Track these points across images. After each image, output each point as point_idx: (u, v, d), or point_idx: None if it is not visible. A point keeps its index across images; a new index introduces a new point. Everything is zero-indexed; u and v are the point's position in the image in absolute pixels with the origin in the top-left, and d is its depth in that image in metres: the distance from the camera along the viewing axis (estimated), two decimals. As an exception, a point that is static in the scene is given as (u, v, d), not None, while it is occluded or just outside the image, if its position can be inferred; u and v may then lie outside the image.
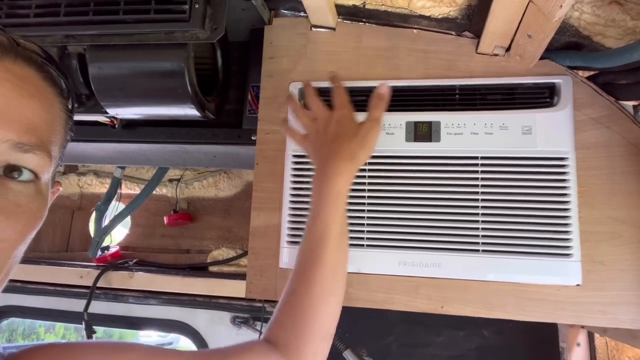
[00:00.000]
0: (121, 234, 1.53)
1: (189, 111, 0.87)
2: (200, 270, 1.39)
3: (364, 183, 0.82)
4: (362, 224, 0.81)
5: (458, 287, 0.79)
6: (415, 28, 0.87)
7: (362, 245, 0.81)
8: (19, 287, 1.44)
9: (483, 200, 0.77)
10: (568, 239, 0.75)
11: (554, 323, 1.11)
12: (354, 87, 0.87)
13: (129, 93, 0.85)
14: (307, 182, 0.84)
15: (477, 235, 0.77)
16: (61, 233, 1.57)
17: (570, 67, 0.81)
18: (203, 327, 1.38)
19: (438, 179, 0.79)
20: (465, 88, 0.83)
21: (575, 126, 0.78)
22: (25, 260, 1.45)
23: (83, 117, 0.96)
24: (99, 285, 1.35)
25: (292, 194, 0.85)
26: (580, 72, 0.83)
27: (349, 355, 1.12)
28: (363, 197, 0.81)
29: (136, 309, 1.40)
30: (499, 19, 0.73)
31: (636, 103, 0.82)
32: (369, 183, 0.82)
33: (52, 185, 0.49)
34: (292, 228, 0.84)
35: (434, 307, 0.79)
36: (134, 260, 1.42)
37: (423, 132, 0.81)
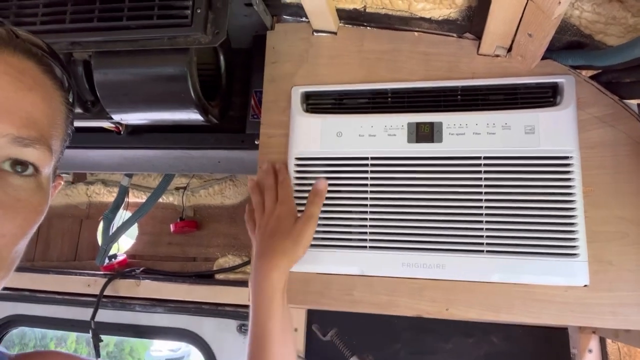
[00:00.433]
0: (128, 243, 1.54)
1: (192, 116, 0.88)
2: (206, 277, 1.39)
3: (366, 185, 0.81)
4: (365, 226, 0.81)
5: (463, 289, 0.77)
6: (416, 31, 0.87)
7: (365, 247, 0.80)
8: (28, 296, 1.45)
9: (487, 200, 0.77)
10: (574, 239, 0.73)
11: (564, 328, 1.09)
12: (355, 91, 0.87)
13: (134, 98, 0.87)
14: (309, 184, 0.84)
15: (482, 236, 0.76)
16: (69, 242, 1.59)
17: (573, 67, 0.80)
18: (209, 335, 1.38)
19: (441, 179, 0.79)
20: (467, 89, 0.83)
21: (579, 125, 0.77)
22: (34, 269, 1.47)
23: (89, 124, 0.97)
24: (106, 293, 1.35)
25: (295, 196, 0.85)
26: (584, 71, 0.82)
27: (355, 361, 1.11)
28: (366, 198, 0.81)
29: (143, 317, 1.40)
30: (499, 19, 0.73)
31: (641, 101, 0.81)
32: (372, 185, 0.81)
33: (54, 180, 0.48)
34: (295, 231, 0.84)
35: (439, 310, 0.78)
36: (141, 269, 1.43)
37: (425, 133, 0.80)
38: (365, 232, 0.80)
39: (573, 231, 0.74)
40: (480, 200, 0.77)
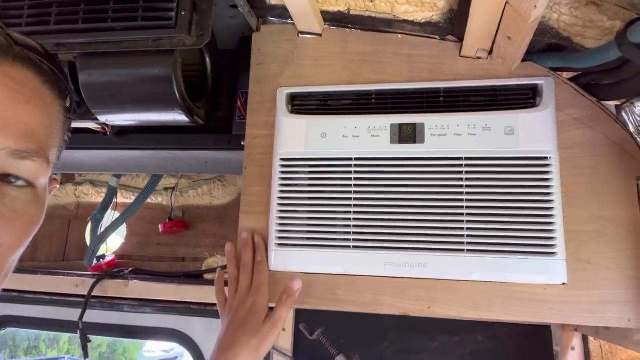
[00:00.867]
0: (117, 243, 1.54)
1: (177, 117, 0.89)
2: (195, 278, 1.39)
3: (350, 185, 0.82)
4: (349, 226, 0.82)
5: (445, 288, 0.79)
6: (400, 33, 0.88)
7: (349, 247, 0.81)
8: (16, 297, 1.44)
9: (467, 200, 0.78)
10: (552, 238, 0.75)
11: (547, 327, 1.10)
12: (340, 92, 0.88)
13: (119, 99, 0.87)
14: (294, 184, 0.85)
15: (462, 235, 0.77)
16: (58, 242, 1.58)
17: (553, 69, 0.82)
18: (198, 335, 1.38)
19: (423, 179, 0.80)
20: (449, 90, 0.84)
21: (558, 126, 0.79)
22: (22, 270, 1.47)
23: (75, 125, 0.97)
24: (94, 294, 1.35)
25: (280, 197, 0.85)
26: (564, 74, 0.84)
27: (341, 360, 1.12)
28: (349, 198, 0.82)
29: (132, 317, 1.40)
30: (479, 21, 0.75)
31: (618, 103, 0.83)
32: (355, 185, 0.82)
33: (50, 184, 0.48)
34: (281, 231, 0.85)
35: (421, 308, 0.79)
36: (130, 269, 1.43)
37: (407, 134, 0.82)
38: (349, 232, 0.81)
39: (552, 230, 0.75)
40: (461, 200, 0.78)
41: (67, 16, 0.80)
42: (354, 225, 0.81)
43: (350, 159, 0.83)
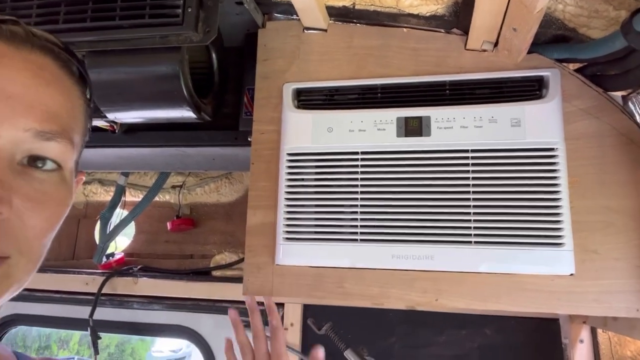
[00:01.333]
0: (126, 241, 1.56)
1: (185, 113, 0.90)
2: (203, 274, 1.40)
3: (356, 179, 0.83)
4: (356, 219, 0.82)
5: (452, 280, 0.79)
6: (405, 27, 0.89)
7: (356, 240, 0.81)
8: (26, 295, 1.46)
9: (474, 192, 0.78)
10: (559, 229, 0.75)
11: (556, 319, 1.10)
12: (346, 86, 0.89)
13: (127, 97, 0.88)
14: (301, 179, 0.85)
15: (469, 227, 0.77)
16: (67, 241, 1.60)
17: (558, 60, 0.82)
18: (207, 332, 1.39)
19: (429, 172, 0.80)
20: (455, 83, 0.85)
21: (564, 117, 0.79)
22: (32, 269, 1.48)
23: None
24: (104, 291, 1.36)
25: (287, 191, 0.86)
26: (570, 65, 0.84)
27: (349, 354, 1.13)
28: (356, 192, 0.83)
29: (141, 314, 1.41)
30: (485, 13, 0.75)
31: (625, 93, 0.83)
32: (362, 179, 0.83)
33: (76, 175, 0.49)
34: (288, 225, 0.85)
35: (429, 301, 0.80)
36: (139, 266, 1.44)
37: (414, 127, 0.82)
38: (356, 225, 0.82)
39: (559, 221, 0.75)
40: (468, 192, 0.78)
41: (76, 15, 0.82)
42: (361, 219, 0.82)
43: (356, 153, 0.84)
